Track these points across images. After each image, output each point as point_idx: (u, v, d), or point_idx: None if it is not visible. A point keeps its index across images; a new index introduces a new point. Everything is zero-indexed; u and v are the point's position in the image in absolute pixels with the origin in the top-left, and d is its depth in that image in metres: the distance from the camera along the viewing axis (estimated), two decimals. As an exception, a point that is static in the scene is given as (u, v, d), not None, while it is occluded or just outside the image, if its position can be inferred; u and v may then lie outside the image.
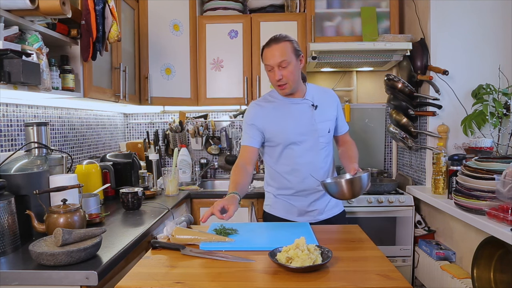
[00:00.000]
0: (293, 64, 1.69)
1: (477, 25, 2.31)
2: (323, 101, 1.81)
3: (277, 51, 1.67)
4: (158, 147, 3.09)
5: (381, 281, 1.08)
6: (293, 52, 1.69)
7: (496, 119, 2.08)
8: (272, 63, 1.68)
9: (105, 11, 1.77)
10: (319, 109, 1.78)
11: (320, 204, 1.81)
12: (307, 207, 1.80)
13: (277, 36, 1.73)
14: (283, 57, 1.66)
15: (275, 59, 1.67)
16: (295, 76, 1.71)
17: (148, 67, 2.64)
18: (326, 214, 1.83)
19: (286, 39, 1.71)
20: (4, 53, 1.31)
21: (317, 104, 1.78)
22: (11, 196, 1.33)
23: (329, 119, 1.81)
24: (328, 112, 1.81)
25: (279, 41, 1.69)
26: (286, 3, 2.87)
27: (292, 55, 1.68)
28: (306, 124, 1.76)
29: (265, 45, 1.73)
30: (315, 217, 1.81)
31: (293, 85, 1.72)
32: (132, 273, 1.16)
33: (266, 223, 1.74)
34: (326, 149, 1.81)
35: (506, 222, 1.53)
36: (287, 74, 1.68)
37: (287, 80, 1.69)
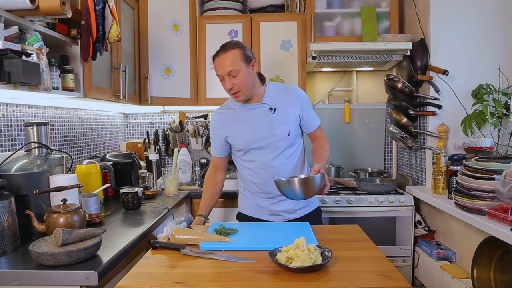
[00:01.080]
0: (244, 71, 1.67)
1: (477, 25, 2.31)
2: (284, 102, 1.77)
3: (226, 61, 1.66)
4: (158, 147, 3.09)
5: (381, 281, 1.08)
6: (242, 60, 1.67)
7: (496, 119, 2.08)
8: (221, 73, 1.68)
9: (105, 11, 1.77)
10: (279, 111, 1.76)
11: (288, 205, 1.81)
12: (274, 208, 1.82)
13: (225, 44, 1.72)
14: (232, 67, 1.65)
15: (224, 69, 1.66)
16: (247, 83, 1.69)
17: (148, 67, 2.64)
18: (297, 214, 1.83)
19: (234, 47, 1.69)
20: (4, 53, 1.31)
21: (276, 106, 1.76)
22: (11, 196, 1.33)
23: (290, 121, 1.76)
24: (289, 113, 1.77)
25: (226, 50, 1.67)
26: (286, 3, 2.87)
27: (242, 63, 1.67)
28: (263, 129, 1.75)
29: (214, 54, 1.72)
30: (286, 217, 1.83)
31: (247, 92, 1.71)
32: (132, 273, 1.16)
33: (266, 223, 1.74)
34: (288, 150, 1.78)
35: (506, 222, 1.53)
36: (238, 82, 1.67)
37: (239, 88, 1.68)
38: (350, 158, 3.03)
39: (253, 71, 1.72)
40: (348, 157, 3.03)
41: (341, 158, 3.02)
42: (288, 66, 2.77)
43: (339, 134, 3.03)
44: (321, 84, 3.14)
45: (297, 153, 1.82)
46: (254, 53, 2.74)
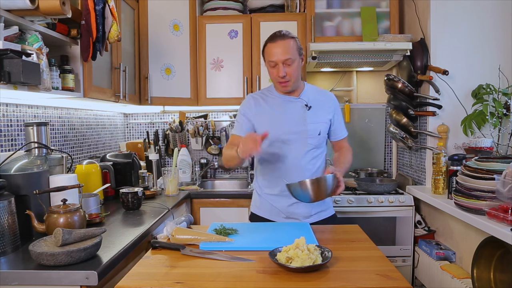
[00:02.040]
0: (297, 62, 1.68)
1: (477, 25, 2.31)
2: (319, 103, 1.78)
3: (283, 48, 1.64)
4: (158, 147, 3.09)
5: (381, 281, 1.08)
6: (297, 50, 1.68)
7: (496, 119, 2.08)
8: (276, 59, 1.65)
9: (105, 11, 1.77)
10: (313, 110, 1.76)
11: (304, 207, 1.76)
12: (289, 210, 1.77)
13: (282, 32, 1.69)
14: (289, 55, 1.64)
15: (280, 56, 1.64)
16: (298, 74, 1.71)
17: (148, 67, 2.64)
18: (313, 218, 1.78)
19: (291, 36, 1.68)
20: (4, 53, 1.31)
21: (312, 104, 1.76)
22: (11, 196, 1.33)
23: (322, 121, 1.77)
24: (322, 114, 1.77)
25: (284, 38, 1.66)
26: (286, 3, 2.87)
27: (296, 53, 1.68)
28: (296, 123, 1.74)
29: (269, 40, 1.69)
30: (301, 220, 1.76)
31: (295, 83, 1.71)
32: (132, 273, 1.16)
33: (266, 223, 1.74)
34: (315, 151, 1.76)
35: (506, 222, 1.53)
36: (291, 71, 1.66)
37: (291, 77, 1.67)
38: (350, 158, 3.03)
39: (302, 64, 1.75)
40: (348, 157, 3.03)
41: (341, 158, 3.01)
42: (288, 66, 2.77)
43: (339, 134, 3.02)
44: (321, 84, 3.14)
45: (321, 157, 1.81)
46: (254, 54, 2.78)
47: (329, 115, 1.79)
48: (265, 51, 1.71)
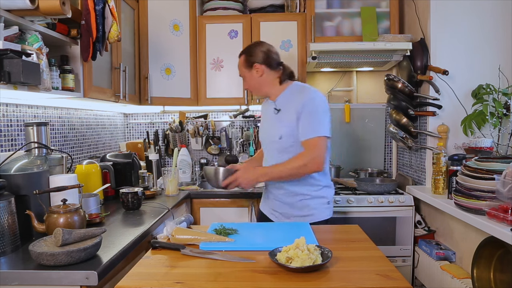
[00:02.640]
0: (247, 76, 1.85)
1: (477, 25, 2.31)
2: (290, 105, 1.76)
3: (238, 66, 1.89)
4: (158, 147, 3.09)
5: (381, 281, 1.08)
6: (244, 66, 1.85)
7: (496, 119, 2.08)
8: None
9: (105, 11, 1.77)
10: (282, 113, 1.79)
11: (280, 206, 1.84)
12: (273, 206, 1.89)
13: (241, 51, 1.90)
14: (240, 72, 1.89)
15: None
16: (253, 86, 1.86)
17: (148, 67, 2.64)
18: (294, 220, 1.79)
19: (241, 53, 1.88)
20: (4, 53, 1.31)
21: (282, 107, 1.80)
22: (11, 196, 1.33)
23: (285, 125, 1.74)
24: (288, 116, 1.74)
25: (239, 56, 1.88)
26: (286, 3, 2.87)
27: (244, 69, 1.85)
28: (268, 127, 1.89)
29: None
30: (281, 219, 1.85)
31: (256, 92, 1.92)
32: (132, 273, 1.16)
33: (266, 223, 1.74)
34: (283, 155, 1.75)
35: (506, 222, 1.53)
36: (247, 85, 1.89)
37: (249, 88, 1.90)
38: (350, 158, 3.03)
39: (258, 75, 1.82)
40: (348, 157, 3.03)
41: (341, 158, 3.02)
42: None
43: (339, 134, 3.03)
44: (321, 84, 3.14)
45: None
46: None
47: (294, 117, 1.72)
48: None
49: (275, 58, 1.84)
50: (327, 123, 1.72)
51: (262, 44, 1.85)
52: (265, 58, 1.80)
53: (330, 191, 1.87)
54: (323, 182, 1.83)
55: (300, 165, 1.68)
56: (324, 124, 1.71)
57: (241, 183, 1.71)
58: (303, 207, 1.80)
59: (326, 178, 1.85)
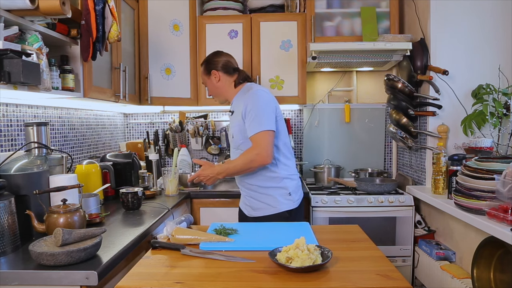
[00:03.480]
0: (208, 83, 2.01)
1: (477, 25, 2.31)
2: (239, 105, 1.90)
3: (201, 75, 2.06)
4: (158, 147, 3.09)
5: (381, 281, 1.08)
6: (204, 73, 2.02)
7: (496, 119, 2.08)
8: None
9: (105, 11, 1.77)
10: (234, 114, 1.95)
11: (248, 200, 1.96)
12: (243, 200, 2.01)
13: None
14: (202, 80, 2.05)
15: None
16: (213, 91, 2.02)
17: (148, 67, 2.64)
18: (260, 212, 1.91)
19: (201, 64, 2.03)
20: (4, 53, 1.31)
21: (234, 109, 1.94)
22: (11, 196, 1.33)
23: (234, 125, 1.91)
24: (237, 116, 1.89)
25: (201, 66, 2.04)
26: (286, 3, 2.87)
27: (204, 76, 2.02)
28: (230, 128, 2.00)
29: None
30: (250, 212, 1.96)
31: (217, 98, 2.04)
32: (132, 273, 1.16)
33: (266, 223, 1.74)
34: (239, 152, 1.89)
35: (506, 222, 1.53)
36: (209, 91, 2.05)
37: (212, 94, 2.04)
38: (350, 158, 3.03)
39: (215, 80, 1.97)
40: (348, 157, 3.03)
41: (341, 158, 3.02)
42: (288, 66, 2.77)
43: (339, 134, 3.03)
44: (321, 84, 3.14)
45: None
46: (254, 54, 2.77)
47: (240, 116, 1.84)
48: None
49: (232, 64, 2.00)
50: (268, 116, 1.79)
51: (220, 53, 2.04)
52: (222, 65, 1.97)
53: (291, 182, 1.91)
54: (282, 173, 1.89)
55: (248, 160, 1.79)
56: (265, 119, 1.78)
57: (202, 179, 1.87)
58: (265, 199, 1.90)
59: (285, 169, 1.90)
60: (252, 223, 1.78)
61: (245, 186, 1.96)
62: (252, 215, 1.95)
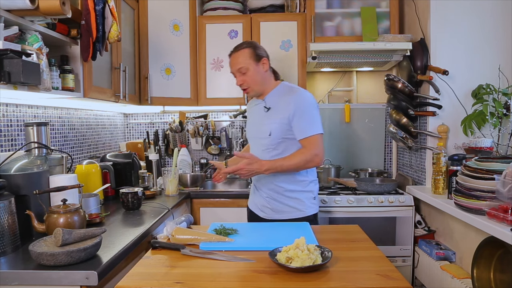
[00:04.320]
0: (252, 69, 1.81)
1: (477, 25, 2.31)
2: (280, 103, 1.83)
3: (235, 59, 1.83)
4: (158, 147, 3.09)
5: (381, 281, 1.08)
6: (251, 58, 1.81)
7: (496, 119, 2.08)
8: (232, 70, 1.86)
9: (105, 11, 1.77)
10: (272, 111, 1.85)
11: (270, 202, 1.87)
12: (262, 203, 1.91)
13: (240, 43, 1.88)
14: (241, 64, 1.81)
15: (233, 67, 1.85)
16: (256, 80, 1.83)
17: (148, 67, 2.64)
18: (283, 215, 1.84)
19: (245, 46, 1.84)
20: (4, 53, 1.31)
21: (272, 106, 1.85)
22: (11, 196, 1.33)
23: (275, 122, 1.80)
24: (278, 114, 1.80)
25: (237, 49, 1.84)
26: (286, 3, 2.87)
27: (251, 61, 1.81)
28: (256, 125, 1.92)
29: (229, 53, 1.89)
30: (270, 215, 1.87)
31: (256, 88, 1.86)
32: (132, 273, 1.16)
33: (266, 223, 1.74)
34: (272, 151, 1.81)
35: (506, 222, 1.53)
36: (247, 79, 1.82)
37: (248, 84, 1.83)
38: (350, 158, 3.03)
39: (264, 69, 1.83)
40: (348, 157, 3.03)
41: (341, 158, 3.02)
42: (288, 66, 2.77)
43: (339, 134, 3.03)
44: (321, 84, 3.14)
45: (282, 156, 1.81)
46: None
47: (285, 115, 1.78)
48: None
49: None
50: (319, 120, 1.81)
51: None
52: (267, 55, 1.88)
53: (316, 186, 1.93)
54: (310, 177, 1.89)
55: (306, 160, 1.75)
56: (317, 122, 1.80)
57: (243, 173, 1.71)
58: (292, 202, 1.86)
59: (312, 173, 1.92)
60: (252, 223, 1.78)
61: (269, 187, 1.87)
62: (273, 217, 1.86)
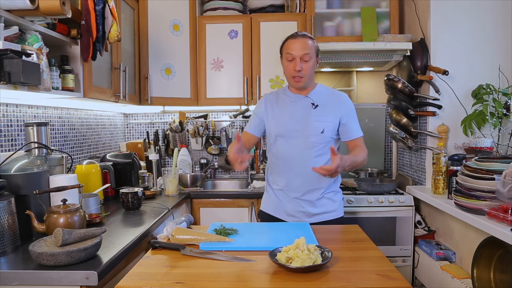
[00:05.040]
0: (313, 60, 1.77)
1: (477, 25, 2.31)
2: (328, 103, 1.82)
3: (302, 44, 1.74)
4: (158, 147, 3.09)
5: (381, 281, 1.08)
6: (315, 50, 1.78)
7: (496, 119, 2.08)
8: (295, 54, 1.74)
9: (105, 11, 1.77)
10: (320, 108, 1.80)
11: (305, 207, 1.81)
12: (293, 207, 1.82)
13: (303, 32, 1.82)
14: (307, 50, 1.74)
15: (299, 51, 1.74)
16: (311, 72, 1.79)
17: (148, 67, 2.64)
18: (316, 218, 1.81)
19: (310, 37, 1.80)
20: (4, 53, 1.31)
21: (319, 103, 1.81)
22: (11, 196, 1.33)
23: (326, 120, 1.79)
24: (329, 113, 1.80)
25: (305, 36, 1.78)
26: (286, 3, 2.87)
27: (314, 52, 1.78)
28: (300, 120, 1.80)
29: (290, 37, 1.80)
30: (304, 220, 1.80)
31: (308, 80, 1.79)
32: (132, 273, 1.16)
33: (266, 223, 1.74)
34: (319, 150, 1.78)
35: (506, 222, 1.53)
36: (307, 68, 1.75)
37: (305, 73, 1.76)
38: (350, 158, 3.03)
39: (316, 63, 1.81)
40: (348, 157, 3.03)
41: (341, 158, 3.01)
42: (288, 66, 2.77)
43: (339, 134, 3.03)
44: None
45: (326, 157, 1.78)
46: (254, 54, 2.78)
47: (338, 115, 1.80)
48: (284, 46, 1.81)
49: None
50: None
51: None
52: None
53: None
54: (339, 177, 1.91)
55: (365, 158, 1.79)
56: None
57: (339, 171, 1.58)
58: (326, 204, 1.83)
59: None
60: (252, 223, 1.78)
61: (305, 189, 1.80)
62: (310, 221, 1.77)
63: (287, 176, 1.82)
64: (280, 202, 1.86)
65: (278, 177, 1.86)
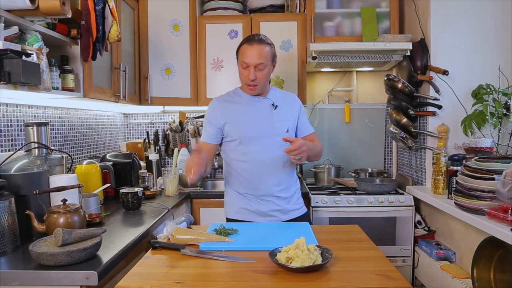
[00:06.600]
0: (268, 68, 1.75)
1: (477, 25, 2.31)
2: (284, 103, 1.88)
3: (258, 52, 1.70)
4: (158, 147, 3.09)
5: (381, 281, 1.08)
6: (271, 57, 1.76)
7: (496, 119, 2.08)
8: (249, 62, 1.71)
9: (105, 11, 1.77)
10: (279, 109, 1.85)
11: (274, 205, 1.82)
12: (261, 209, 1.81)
13: (260, 36, 1.77)
14: (262, 60, 1.71)
15: (254, 59, 1.70)
16: (266, 80, 1.78)
17: (148, 67, 2.64)
18: (291, 215, 1.85)
19: (268, 42, 1.76)
20: (4, 53, 1.31)
21: (278, 104, 1.85)
22: (11, 196, 1.33)
23: (288, 119, 1.84)
24: (288, 112, 1.86)
25: (261, 43, 1.73)
26: (286, 3, 2.87)
27: (269, 60, 1.75)
28: (264, 121, 1.80)
29: (246, 41, 1.76)
30: (278, 217, 1.83)
31: (262, 87, 1.80)
32: (132, 273, 1.16)
33: (266, 223, 1.74)
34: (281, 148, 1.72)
35: (506, 222, 1.53)
36: (261, 76, 1.73)
37: (259, 82, 1.75)
38: (350, 158, 3.03)
39: (272, 70, 1.81)
40: (348, 157, 3.03)
41: (341, 158, 3.02)
42: (288, 66, 2.77)
43: (339, 134, 3.03)
44: (321, 84, 3.14)
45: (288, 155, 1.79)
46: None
47: (295, 113, 1.88)
48: (240, 51, 1.78)
49: None
50: None
51: None
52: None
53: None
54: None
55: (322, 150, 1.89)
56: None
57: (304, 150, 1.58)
58: (297, 200, 1.90)
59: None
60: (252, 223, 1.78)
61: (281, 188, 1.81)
62: (285, 218, 1.83)
63: (259, 177, 1.79)
64: (251, 205, 1.82)
65: (246, 180, 1.81)
